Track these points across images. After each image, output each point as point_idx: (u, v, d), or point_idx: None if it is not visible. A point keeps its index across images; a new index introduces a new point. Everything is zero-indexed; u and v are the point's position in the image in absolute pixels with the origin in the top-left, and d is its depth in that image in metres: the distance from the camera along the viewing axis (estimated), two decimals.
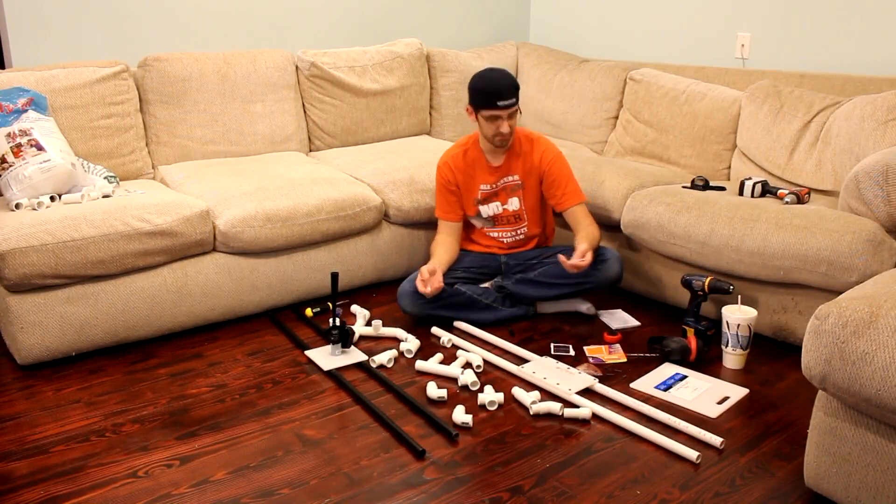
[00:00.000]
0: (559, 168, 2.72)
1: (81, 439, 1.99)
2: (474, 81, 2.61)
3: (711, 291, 2.48)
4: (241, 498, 1.75)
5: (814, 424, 1.69)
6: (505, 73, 2.61)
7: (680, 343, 2.39)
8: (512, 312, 2.69)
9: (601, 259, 2.65)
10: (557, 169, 2.71)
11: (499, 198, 2.77)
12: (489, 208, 2.78)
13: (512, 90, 2.56)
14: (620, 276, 2.68)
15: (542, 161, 2.72)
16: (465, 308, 2.67)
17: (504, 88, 2.55)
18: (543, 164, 2.72)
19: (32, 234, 2.27)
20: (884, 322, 1.48)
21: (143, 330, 2.50)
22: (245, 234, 2.60)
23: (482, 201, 2.77)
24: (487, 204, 2.77)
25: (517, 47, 4.09)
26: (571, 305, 2.78)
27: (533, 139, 2.75)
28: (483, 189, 2.75)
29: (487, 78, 2.59)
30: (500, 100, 2.55)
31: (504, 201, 2.76)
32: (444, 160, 2.79)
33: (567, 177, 2.73)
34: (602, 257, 2.66)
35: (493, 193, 2.76)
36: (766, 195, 2.75)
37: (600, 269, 2.63)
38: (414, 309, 2.65)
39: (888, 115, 2.56)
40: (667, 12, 3.72)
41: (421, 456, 1.91)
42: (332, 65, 3.35)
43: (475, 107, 2.62)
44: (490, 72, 2.61)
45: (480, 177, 2.75)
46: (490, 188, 2.75)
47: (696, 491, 1.77)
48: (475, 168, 2.75)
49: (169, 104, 3.03)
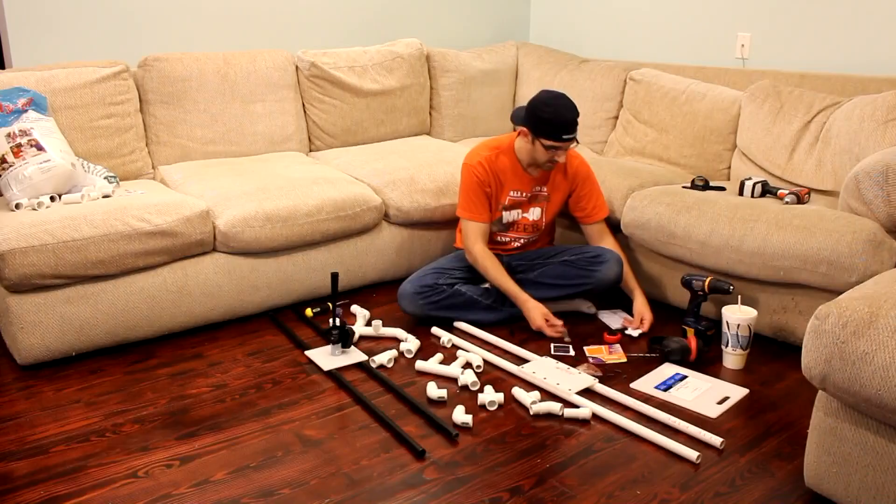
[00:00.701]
0: (592, 183, 2.77)
1: (81, 439, 1.99)
2: (540, 109, 2.52)
3: (711, 291, 2.48)
4: (241, 498, 1.75)
5: (814, 424, 1.69)
6: (571, 105, 2.55)
7: (680, 343, 2.39)
8: (512, 313, 2.69)
9: (600, 260, 2.65)
10: (590, 184, 2.76)
11: (523, 206, 2.75)
12: (510, 214, 2.76)
13: (575, 125, 2.53)
14: (620, 278, 2.67)
15: (576, 175, 2.74)
16: (466, 308, 2.67)
17: (571, 123, 2.51)
18: (577, 179, 2.75)
19: (32, 234, 2.27)
20: (884, 322, 1.48)
21: (143, 330, 2.50)
22: (245, 234, 2.60)
23: (507, 207, 2.74)
24: (510, 210, 2.75)
25: (517, 47, 4.09)
26: (572, 305, 2.78)
27: (568, 154, 2.69)
28: (512, 196, 2.72)
29: (555, 110, 2.50)
30: (566, 134, 2.52)
31: (526, 210, 2.76)
32: (478, 160, 2.69)
33: (598, 191, 2.78)
34: (601, 258, 2.66)
35: (523, 202, 2.74)
36: (766, 195, 2.75)
37: (600, 269, 2.64)
38: (414, 309, 2.65)
39: (888, 115, 2.56)
40: (667, 12, 3.72)
41: (421, 456, 1.91)
42: (332, 65, 3.35)
43: (536, 134, 2.55)
44: (557, 101, 2.53)
45: (512, 183, 2.71)
46: (520, 195, 2.72)
47: (696, 491, 1.77)
48: (508, 174, 2.70)
49: (169, 104, 3.03)
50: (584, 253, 2.70)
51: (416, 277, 2.68)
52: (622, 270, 2.67)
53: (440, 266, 2.75)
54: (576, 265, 2.68)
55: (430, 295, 2.65)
